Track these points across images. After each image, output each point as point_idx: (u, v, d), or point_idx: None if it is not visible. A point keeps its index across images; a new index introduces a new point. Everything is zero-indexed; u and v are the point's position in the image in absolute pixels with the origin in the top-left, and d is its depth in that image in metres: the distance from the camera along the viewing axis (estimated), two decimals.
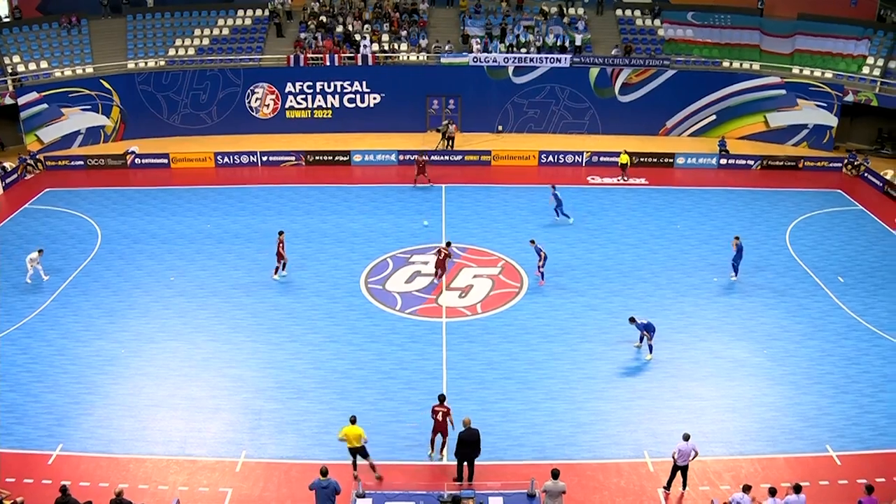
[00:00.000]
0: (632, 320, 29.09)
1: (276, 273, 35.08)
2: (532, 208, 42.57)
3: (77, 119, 51.55)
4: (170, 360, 29.00)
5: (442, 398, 23.73)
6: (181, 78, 52.39)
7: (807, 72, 52.32)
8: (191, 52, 54.07)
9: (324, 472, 20.43)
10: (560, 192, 40.87)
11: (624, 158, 47.31)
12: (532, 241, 35.00)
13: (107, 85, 51.70)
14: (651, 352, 29.18)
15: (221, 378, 27.96)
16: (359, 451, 22.76)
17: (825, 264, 36.58)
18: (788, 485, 21.04)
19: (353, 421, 22.64)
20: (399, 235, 39.21)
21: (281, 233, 35.52)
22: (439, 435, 23.79)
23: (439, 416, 23.51)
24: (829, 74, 51.77)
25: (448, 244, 34.71)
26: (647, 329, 28.95)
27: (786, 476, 23.14)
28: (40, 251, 34.84)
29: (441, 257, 34.27)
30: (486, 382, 27.61)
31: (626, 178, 47.03)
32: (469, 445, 22.31)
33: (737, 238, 34.88)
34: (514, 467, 23.64)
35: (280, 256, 34.82)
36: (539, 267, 34.39)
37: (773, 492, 20.53)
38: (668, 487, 22.80)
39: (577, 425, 25.59)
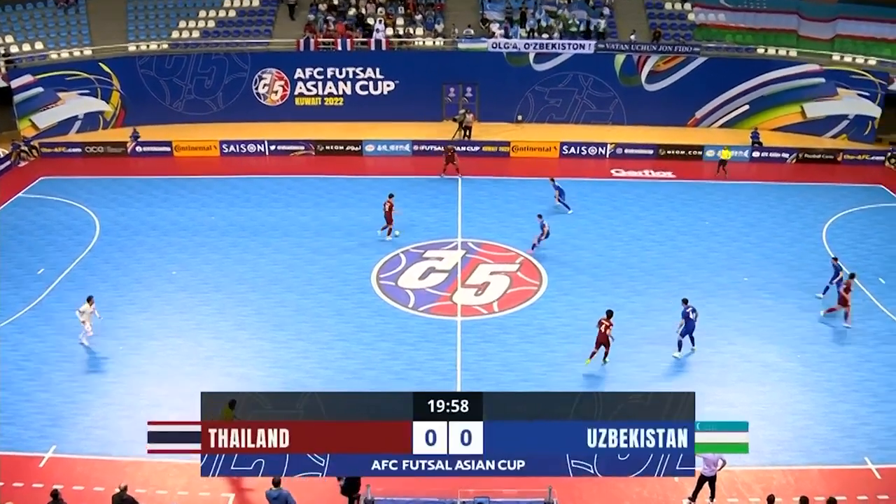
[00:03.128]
0: (684, 301, 29.71)
1: (389, 234, 38.21)
2: (553, 202, 42.42)
3: (74, 104, 51.63)
4: (171, 358, 29.12)
5: (610, 313, 28.34)
6: (185, 62, 52.35)
7: (848, 59, 51.77)
8: (195, 34, 54.11)
9: (276, 483, 20.55)
10: (559, 183, 41.97)
11: (726, 154, 47.09)
12: (539, 216, 36.88)
13: (106, 68, 51.78)
14: (680, 349, 29.59)
15: (226, 377, 28.03)
16: None
17: (865, 264, 36.24)
18: (823, 498, 20.90)
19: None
20: (413, 230, 39.18)
21: (391, 195, 38.04)
22: (602, 347, 28.44)
23: (602, 328, 28.15)
24: (872, 61, 51.26)
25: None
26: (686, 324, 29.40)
27: (820, 489, 22.99)
28: (90, 300, 29.90)
29: None
30: (503, 384, 27.54)
31: (724, 172, 46.64)
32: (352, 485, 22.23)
33: (835, 259, 33.94)
34: None
35: (389, 218, 37.78)
36: (537, 239, 36.60)
37: (804, 502, 20.41)
38: (693, 498, 22.69)
39: None
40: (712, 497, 22.63)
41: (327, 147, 49.53)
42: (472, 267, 35.87)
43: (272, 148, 49.46)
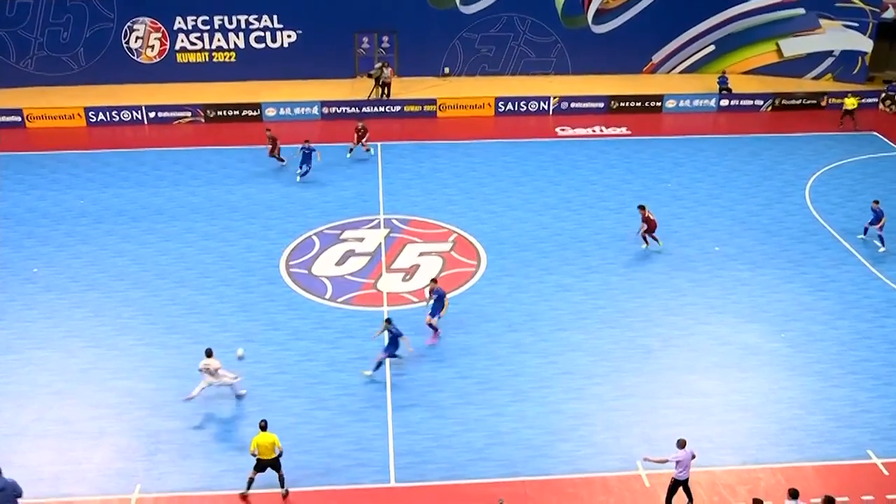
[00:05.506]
0: (388, 321, 28.20)
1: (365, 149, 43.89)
2: (489, 168, 42.51)
3: None
4: (36, 375, 28.38)
5: (642, 207, 34.81)
6: (31, 9, 51.01)
7: None
8: None
9: None
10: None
11: (851, 102, 47.03)
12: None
13: None
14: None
15: (106, 393, 27.46)
16: (271, 464, 23.07)
17: (857, 226, 36.87)
18: (819, 500, 21.13)
19: (263, 427, 22.98)
20: (325, 207, 38.98)
21: (360, 120, 44.67)
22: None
23: (650, 215, 34.66)
24: None
25: None
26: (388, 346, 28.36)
27: (816, 489, 23.23)
28: (210, 352, 26.54)
29: None
30: (439, 384, 27.53)
31: (855, 125, 46.95)
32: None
33: (876, 202, 34.80)
34: (478, 487, 23.57)
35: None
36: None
37: (794, 494, 20.67)
38: None
39: (552, 432, 25.60)
40: (690, 502, 22.82)
41: (219, 112, 49.06)
42: (398, 248, 35.77)
43: (151, 115, 48.76)
